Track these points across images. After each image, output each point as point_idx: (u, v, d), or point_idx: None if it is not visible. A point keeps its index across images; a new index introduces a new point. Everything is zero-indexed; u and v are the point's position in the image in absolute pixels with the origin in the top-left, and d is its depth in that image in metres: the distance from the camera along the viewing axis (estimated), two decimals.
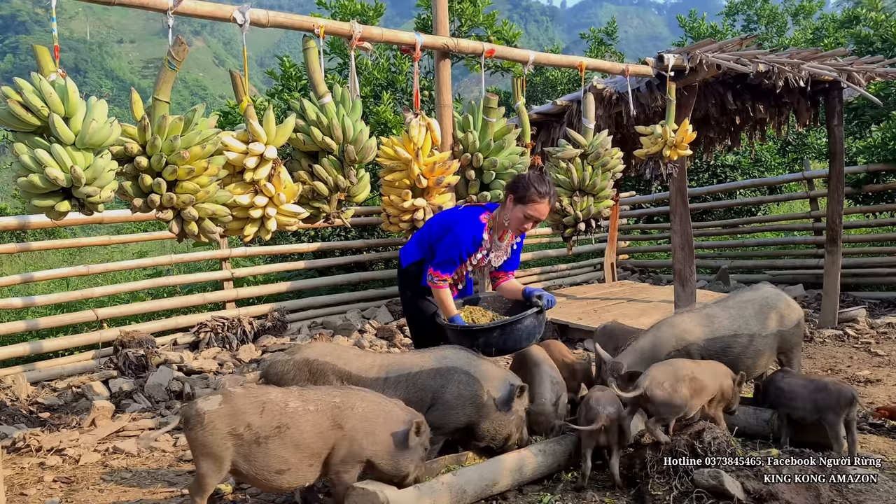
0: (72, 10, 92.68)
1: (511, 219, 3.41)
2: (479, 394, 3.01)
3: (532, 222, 3.42)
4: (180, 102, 68.98)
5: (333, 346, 3.27)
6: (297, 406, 2.54)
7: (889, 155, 7.38)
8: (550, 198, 3.39)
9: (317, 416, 2.54)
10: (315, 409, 2.55)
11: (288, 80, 9.38)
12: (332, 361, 3.06)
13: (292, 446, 2.48)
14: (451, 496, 2.68)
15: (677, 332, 3.52)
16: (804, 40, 13.88)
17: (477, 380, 3.03)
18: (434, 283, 3.42)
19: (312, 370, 3.03)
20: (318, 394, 2.63)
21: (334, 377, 3.00)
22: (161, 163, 2.98)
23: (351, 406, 2.60)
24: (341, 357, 3.10)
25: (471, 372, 3.05)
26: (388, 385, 3.02)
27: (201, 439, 2.42)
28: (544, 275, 9.51)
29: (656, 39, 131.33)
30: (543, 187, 3.35)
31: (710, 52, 5.08)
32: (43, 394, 5.18)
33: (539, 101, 14.27)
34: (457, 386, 3.02)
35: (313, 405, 2.56)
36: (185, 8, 3.06)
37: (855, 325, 6.21)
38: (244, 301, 7.46)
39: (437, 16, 4.35)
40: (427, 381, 3.04)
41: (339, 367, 3.04)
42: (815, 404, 3.17)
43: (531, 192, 3.33)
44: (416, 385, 3.04)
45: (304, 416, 2.52)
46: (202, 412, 2.44)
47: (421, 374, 3.05)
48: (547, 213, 3.42)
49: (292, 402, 2.55)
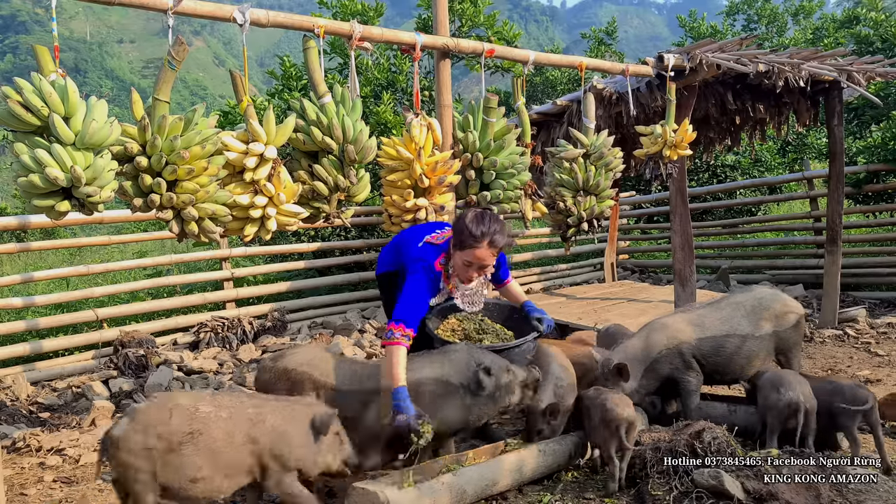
0: (72, 10, 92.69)
1: (454, 266, 3.13)
2: (452, 392, 2.88)
3: (475, 269, 3.10)
4: (180, 102, 69.00)
5: (314, 354, 3.12)
6: (209, 411, 2.50)
7: (889, 155, 7.38)
8: (493, 238, 3.02)
9: (229, 425, 2.50)
10: (228, 417, 2.51)
11: (288, 80, 9.38)
12: (309, 372, 2.98)
13: (206, 452, 2.44)
14: (451, 496, 2.68)
15: (669, 332, 3.53)
16: (804, 40, 13.88)
17: (450, 382, 2.89)
18: (389, 339, 2.89)
19: (291, 379, 2.96)
20: (231, 401, 2.59)
21: (311, 389, 2.91)
22: (161, 163, 2.98)
23: (263, 419, 2.56)
24: (318, 367, 3.01)
25: (443, 377, 2.91)
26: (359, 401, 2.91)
27: (124, 464, 2.41)
28: (544, 275, 9.51)
29: (656, 39, 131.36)
30: (480, 229, 3.00)
31: (710, 52, 5.08)
32: (43, 394, 5.18)
33: (539, 101, 14.27)
34: (429, 394, 2.87)
35: (226, 412, 2.52)
36: (185, 8, 3.06)
37: (855, 325, 6.21)
38: (244, 301, 7.46)
39: (437, 16, 4.35)
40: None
41: (315, 378, 2.95)
42: (831, 408, 3.17)
43: (465, 236, 3.01)
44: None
45: (216, 421, 2.48)
46: (115, 438, 2.42)
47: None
48: (490, 257, 3.06)
49: (203, 407, 2.51)
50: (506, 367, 2.94)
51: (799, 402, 3.10)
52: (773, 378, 3.28)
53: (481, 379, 2.85)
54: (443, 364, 2.95)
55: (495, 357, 2.99)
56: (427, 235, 3.33)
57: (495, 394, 2.90)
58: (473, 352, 2.98)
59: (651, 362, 3.47)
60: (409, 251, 3.26)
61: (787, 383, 3.18)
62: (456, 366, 2.93)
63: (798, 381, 3.22)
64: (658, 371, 3.48)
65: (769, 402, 3.19)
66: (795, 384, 3.18)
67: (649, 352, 3.47)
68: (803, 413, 3.10)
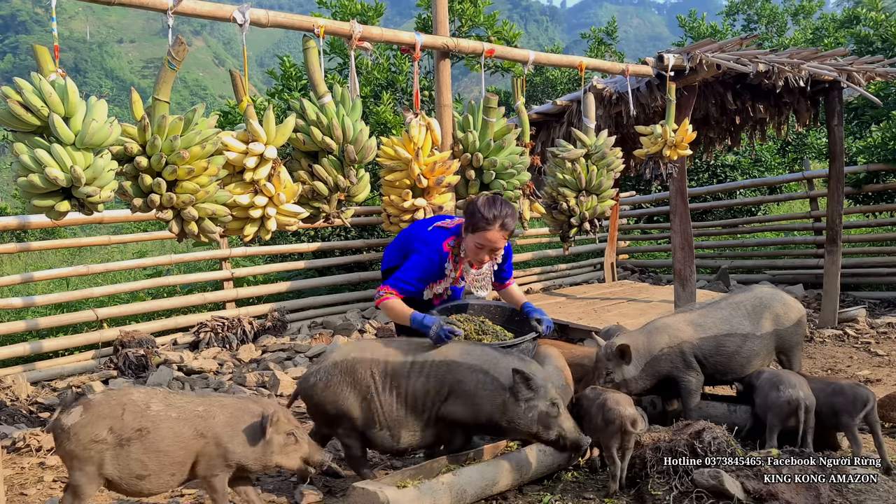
0: (72, 10, 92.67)
1: (466, 250, 3.22)
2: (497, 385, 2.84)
3: (486, 252, 3.19)
4: (180, 102, 68.98)
5: (355, 342, 3.18)
6: (160, 409, 2.52)
7: (889, 155, 7.38)
8: (503, 222, 3.12)
9: (178, 424, 2.52)
10: (177, 416, 2.54)
11: (288, 80, 9.38)
12: (360, 355, 2.99)
13: (153, 451, 2.46)
14: (451, 496, 2.68)
15: (671, 331, 3.53)
16: (804, 40, 13.88)
17: (494, 376, 2.86)
18: (380, 297, 3.15)
19: (343, 370, 2.97)
20: (182, 400, 2.61)
21: (366, 370, 2.93)
22: (161, 163, 2.98)
23: (213, 415, 2.58)
24: (366, 349, 3.03)
25: (487, 369, 2.88)
26: (414, 370, 2.93)
27: (71, 453, 2.42)
28: (544, 275, 9.51)
29: (656, 39, 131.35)
30: (492, 212, 3.10)
31: (710, 52, 5.08)
32: (43, 394, 5.18)
33: (539, 101, 14.27)
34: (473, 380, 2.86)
35: (175, 412, 2.55)
36: (185, 8, 3.06)
37: (855, 324, 6.21)
38: (244, 301, 7.46)
39: (437, 16, 4.35)
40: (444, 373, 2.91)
41: (367, 359, 2.96)
42: (832, 407, 3.17)
43: (477, 218, 3.11)
44: (436, 375, 2.91)
45: (165, 420, 2.51)
46: (66, 426, 2.43)
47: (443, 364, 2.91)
48: (501, 240, 3.16)
49: (155, 405, 2.54)
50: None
51: (799, 399, 3.11)
52: (773, 376, 3.28)
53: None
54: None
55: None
56: (437, 222, 3.45)
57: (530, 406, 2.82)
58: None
59: (651, 359, 3.47)
60: (417, 236, 3.36)
61: (786, 381, 3.19)
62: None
63: (797, 380, 3.22)
64: (658, 369, 3.48)
65: (769, 401, 3.19)
66: (795, 382, 3.18)
67: (651, 349, 3.48)
68: (803, 411, 3.11)
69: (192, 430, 2.54)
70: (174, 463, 2.51)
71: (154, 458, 2.47)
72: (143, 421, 2.48)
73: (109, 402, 2.50)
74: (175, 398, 2.61)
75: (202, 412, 2.58)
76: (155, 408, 2.52)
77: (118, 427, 2.45)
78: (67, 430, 2.43)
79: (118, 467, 2.45)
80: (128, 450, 2.44)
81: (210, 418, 2.57)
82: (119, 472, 2.45)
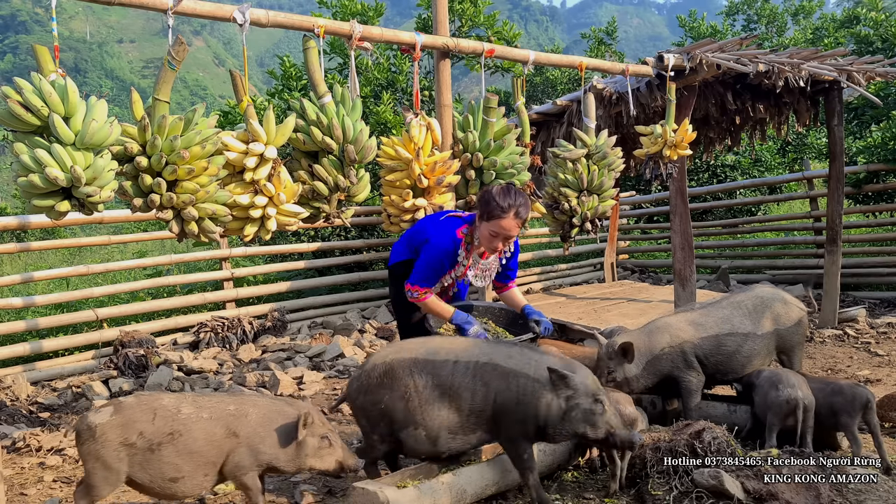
0: (72, 10, 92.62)
1: (479, 237, 3.25)
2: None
3: (501, 240, 3.22)
4: (180, 102, 68.93)
5: (394, 343, 3.12)
6: (191, 412, 2.52)
7: (889, 155, 7.38)
8: (518, 210, 3.16)
9: (210, 424, 2.52)
10: (209, 417, 2.53)
11: (288, 80, 9.38)
12: (397, 356, 2.86)
13: (186, 453, 2.46)
14: (451, 496, 2.68)
15: (672, 331, 3.53)
16: (804, 40, 13.87)
17: (534, 378, 2.72)
18: (415, 298, 3.24)
19: (382, 373, 2.84)
20: (212, 401, 2.61)
21: (406, 372, 2.80)
22: (161, 163, 2.98)
23: (245, 413, 2.58)
24: (404, 349, 2.92)
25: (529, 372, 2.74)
26: (458, 371, 2.78)
27: (94, 452, 2.41)
28: (544, 275, 9.50)
29: (656, 39, 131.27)
30: (507, 201, 3.14)
31: (710, 52, 5.08)
32: (43, 394, 5.18)
33: (539, 101, 14.27)
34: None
35: (207, 412, 2.55)
36: (185, 8, 3.06)
37: (855, 324, 6.22)
38: (244, 301, 7.46)
39: (437, 16, 4.35)
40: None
41: (404, 358, 2.85)
42: (831, 407, 3.18)
43: (493, 207, 3.14)
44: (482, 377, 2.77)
45: (196, 422, 2.50)
46: (94, 425, 2.42)
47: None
48: (515, 228, 3.20)
49: (185, 408, 2.53)
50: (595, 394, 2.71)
51: (798, 398, 3.11)
52: (772, 376, 3.29)
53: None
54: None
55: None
56: (448, 213, 3.53)
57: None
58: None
59: (653, 359, 3.47)
60: (429, 227, 3.40)
61: (785, 381, 3.19)
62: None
63: (797, 379, 3.22)
64: (659, 368, 3.48)
65: (769, 400, 3.19)
66: (794, 382, 3.18)
67: (652, 348, 3.48)
68: (802, 410, 3.11)
69: (225, 429, 2.53)
70: (208, 463, 2.51)
71: (188, 460, 2.47)
72: (174, 424, 2.47)
73: (141, 406, 2.49)
74: (205, 400, 2.61)
75: (234, 411, 2.58)
76: (186, 411, 2.52)
77: (149, 432, 2.44)
78: (94, 429, 2.42)
79: (150, 471, 2.44)
80: (159, 454, 2.44)
81: (242, 417, 2.57)
82: (150, 477, 2.45)
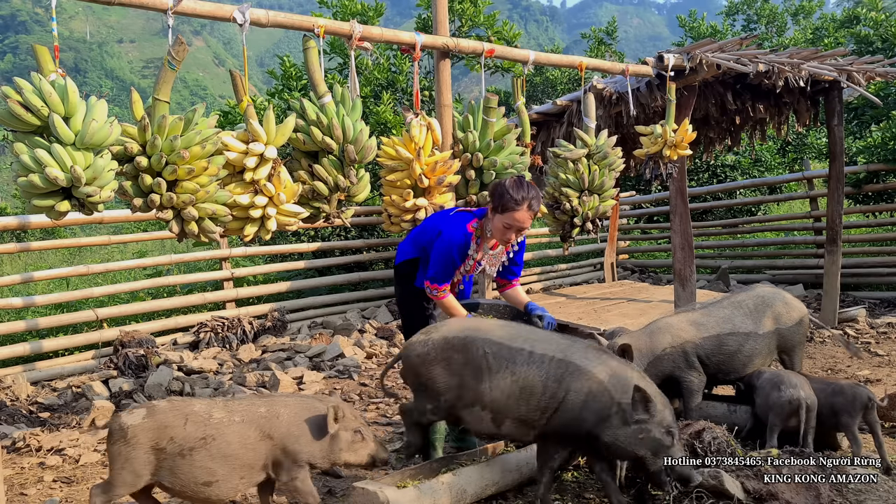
0: (72, 10, 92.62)
1: (492, 229, 3.29)
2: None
3: (514, 232, 3.27)
4: (180, 102, 68.93)
5: (469, 319, 3.09)
6: (222, 417, 2.53)
7: (889, 155, 7.38)
8: (531, 203, 3.20)
9: (243, 427, 2.53)
10: (241, 420, 2.54)
11: (288, 80, 9.37)
12: (473, 334, 2.82)
13: (219, 457, 2.47)
14: (451, 496, 2.68)
15: (674, 331, 3.54)
16: (804, 40, 13.87)
17: (607, 388, 2.64)
18: (434, 296, 3.32)
19: (454, 346, 2.79)
20: (243, 405, 2.62)
21: (479, 349, 2.74)
22: (161, 163, 2.98)
23: (276, 415, 2.58)
24: (481, 328, 2.86)
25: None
26: (533, 361, 2.70)
27: (124, 453, 2.42)
28: (544, 275, 9.50)
29: (656, 39, 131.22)
30: (520, 193, 3.18)
31: (710, 52, 5.08)
32: (43, 394, 5.18)
33: (539, 101, 14.27)
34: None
35: (239, 416, 2.55)
36: (185, 8, 3.06)
37: (855, 325, 6.22)
38: (244, 301, 7.46)
39: (437, 16, 4.35)
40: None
41: (481, 338, 2.78)
42: (832, 407, 3.18)
43: (507, 199, 3.18)
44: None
45: (229, 426, 2.51)
46: (126, 426, 2.43)
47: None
48: (528, 220, 3.24)
49: (217, 413, 2.54)
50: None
51: (800, 399, 3.11)
52: (774, 376, 3.29)
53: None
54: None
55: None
56: (457, 209, 3.55)
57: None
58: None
59: (654, 359, 3.48)
60: (438, 224, 3.43)
61: (787, 381, 3.19)
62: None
63: (798, 380, 3.22)
64: (661, 368, 3.48)
65: (770, 401, 3.19)
66: (796, 382, 3.18)
67: (654, 349, 3.48)
68: (805, 410, 3.11)
69: (258, 431, 2.54)
70: (243, 466, 2.51)
71: (222, 464, 2.47)
72: (206, 429, 2.48)
73: (173, 411, 2.50)
74: (236, 404, 2.62)
75: (265, 413, 2.58)
76: (217, 415, 2.53)
77: (180, 437, 2.44)
78: (126, 430, 2.42)
79: (181, 476, 2.44)
80: (191, 459, 2.44)
81: (274, 418, 2.57)
82: (182, 482, 2.45)
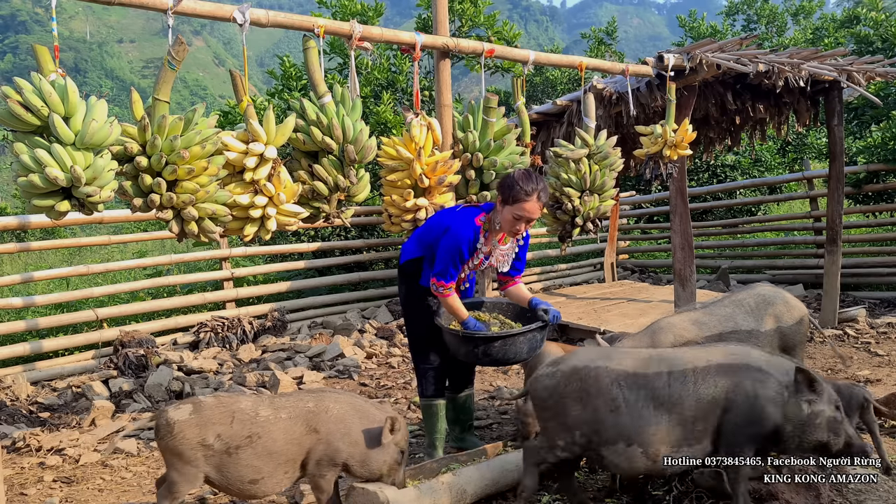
0: (72, 10, 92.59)
1: (501, 221, 3.28)
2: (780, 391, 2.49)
3: (524, 223, 3.27)
4: (180, 102, 68.91)
5: (598, 348, 2.94)
6: (269, 414, 2.52)
7: (889, 155, 7.38)
8: (539, 194, 3.22)
9: (289, 424, 2.52)
10: (287, 417, 2.53)
11: (288, 80, 9.38)
12: (604, 364, 2.62)
13: (265, 455, 2.46)
14: (451, 496, 2.68)
15: (675, 330, 3.53)
16: (804, 40, 13.87)
17: (771, 373, 2.51)
18: (440, 293, 3.31)
19: (583, 377, 2.59)
20: (290, 401, 2.61)
21: (609, 380, 2.55)
22: (161, 163, 2.98)
23: (325, 409, 2.57)
24: (612, 357, 2.67)
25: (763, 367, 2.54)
26: (674, 381, 2.53)
27: (172, 448, 2.43)
28: (544, 275, 9.50)
29: (656, 39, 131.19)
30: (530, 185, 3.19)
31: (710, 52, 5.08)
32: (43, 394, 5.18)
33: (539, 101, 14.27)
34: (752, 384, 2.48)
35: (285, 412, 2.55)
36: (185, 8, 3.06)
37: (855, 324, 6.21)
38: (244, 301, 7.46)
39: (437, 16, 4.35)
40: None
41: (612, 369, 2.59)
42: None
43: (517, 190, 3.18)
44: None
45: (275, 423, 2.50)
46: (172, 421, 2.43)
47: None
48: (537, 211, 3.25)
49: (263, 410, 2.53)
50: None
51: None
52: None
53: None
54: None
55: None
56: (461, 205, 3.54)
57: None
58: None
59: None
60: (445, 220, 3.41)
61: None
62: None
63: None
64: None
65: None
66: None
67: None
68: None
69: (305, 426, 2.53)
70: (288, 461, 2.51)
71: (268, 461, 2.47)
72: (252, 427, 2.47)
73: (220, 408, 2.50)
74: (283, 401, 2.61)
75: (313, 408, 2.57)
76: (264, 413, 2.52)
77: (227, 434, 2.44)
78: (172, 426, 2.43)
79: (226, 474, 2.44)
80: (237, 457, 2.44)
81: (322, 413, 2.56)
82: (227, 479, 2.45)
